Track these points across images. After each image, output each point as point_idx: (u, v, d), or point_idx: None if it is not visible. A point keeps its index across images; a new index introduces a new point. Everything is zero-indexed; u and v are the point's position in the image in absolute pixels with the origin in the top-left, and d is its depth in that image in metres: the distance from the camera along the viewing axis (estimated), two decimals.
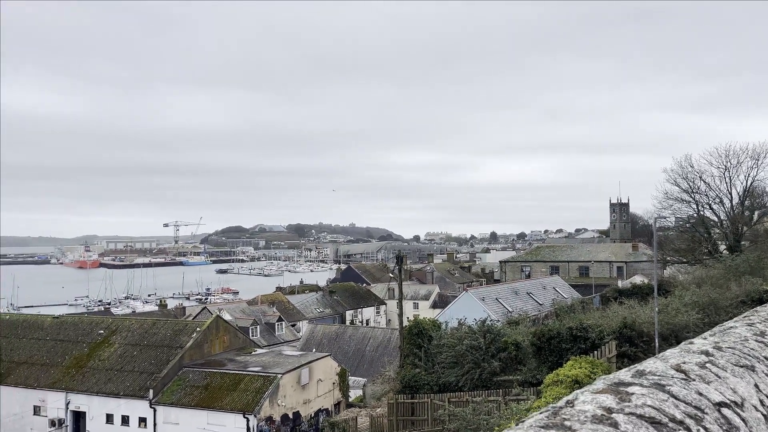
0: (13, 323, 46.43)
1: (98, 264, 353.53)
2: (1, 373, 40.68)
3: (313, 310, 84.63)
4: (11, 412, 39.33)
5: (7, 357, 42.14)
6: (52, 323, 45.31)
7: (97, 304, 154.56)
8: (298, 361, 39.56)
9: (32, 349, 42.39)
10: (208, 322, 42.46)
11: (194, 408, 35.05)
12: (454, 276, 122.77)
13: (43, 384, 39.09)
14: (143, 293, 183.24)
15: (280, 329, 71.47)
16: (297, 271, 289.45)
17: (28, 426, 38.87)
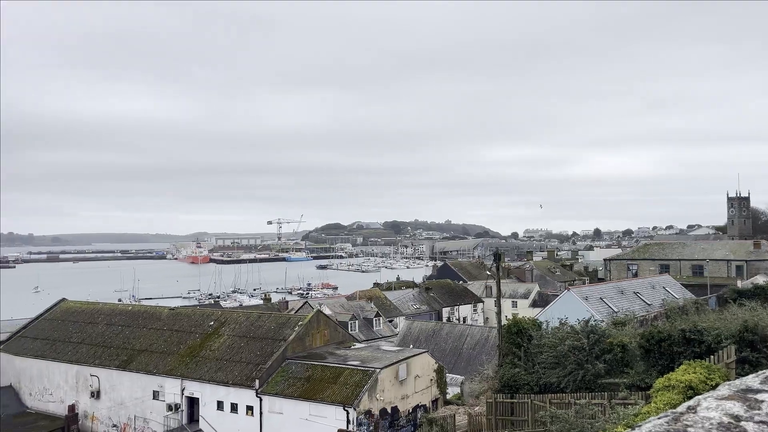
0: (135, 314, 50.32)
1: (208, 259, 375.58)
2: (126, 360, 44.21)
3: (409, 306, 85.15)
4: (134, 396, 42.66)
5: (130, 345, 45.74)
6: (169, 314, 48.64)
7: (208, 297, 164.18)
8: (396, 356, 39.95)
9: (151, 338, 45.73)
10: (309, 316, 43.85)
11: (297, 399, 36.33)
12: (555, 274, 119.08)
13: (161, 371, 42.05)
14: (249, 287, 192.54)
15: (377, 324, 72.52)
16: (393, 267, 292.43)
17: (148, 409, 41.98)
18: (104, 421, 43.63)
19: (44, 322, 53.01)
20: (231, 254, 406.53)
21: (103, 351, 46.14)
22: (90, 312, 52.44)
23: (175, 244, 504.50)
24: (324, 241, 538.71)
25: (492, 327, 58.74)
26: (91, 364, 45.15)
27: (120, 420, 42.89)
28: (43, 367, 47.76)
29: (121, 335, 47.28)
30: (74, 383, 45.80)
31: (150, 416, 41.62)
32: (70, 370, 46.20)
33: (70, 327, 50.82)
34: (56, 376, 46.98)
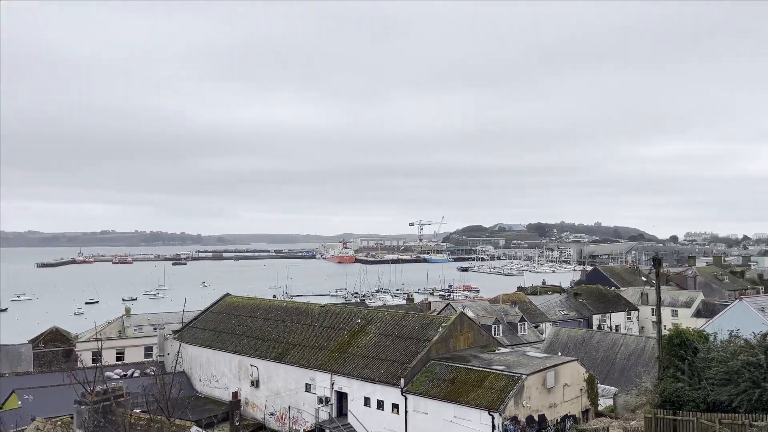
0: (289, 310, 53.51)
1: (354, 259, 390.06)
2: (281, 353, 47.14)
3: (556, 311, 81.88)
4: (288, 387, 45.33)
5: (285, 339, 48.69)
6: (319, 311, 51.11)
7: (354, 296, 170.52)
8: (543, 363, 38.55)
9: (304, 333, 48.33)
10: (452, 318, 43.74)
11: (441, 400, 36.36)
12: (723, 282, 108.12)
13: (312, 365, 44.27)
14: (392, 287, 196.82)
15: (522, 329, 70.57)
16: (538, 271, 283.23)
17: (301, 401, 44.39)
18: (262, 409, 46.84)
19: (211, 315, 58.16)
20: (375, 255, 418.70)
21: (261, 343, 49.59)
22: (250, 307, 56.65)
23: (323, 245, 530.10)
24: (465, 242, 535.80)
25: (649, 337, 54.62)
26: (251, 355, 48.71)
27: (276, 409, 45.79)
28: (210, 355, 52.40)
29: (277, 329, 50.49)
30: (237, 372, 49.71)
31: (303, 407, 43.96)
32: (233, 359, 50.21)
33: (233, 320, 55.27)
34: (221, 365, 51.30)
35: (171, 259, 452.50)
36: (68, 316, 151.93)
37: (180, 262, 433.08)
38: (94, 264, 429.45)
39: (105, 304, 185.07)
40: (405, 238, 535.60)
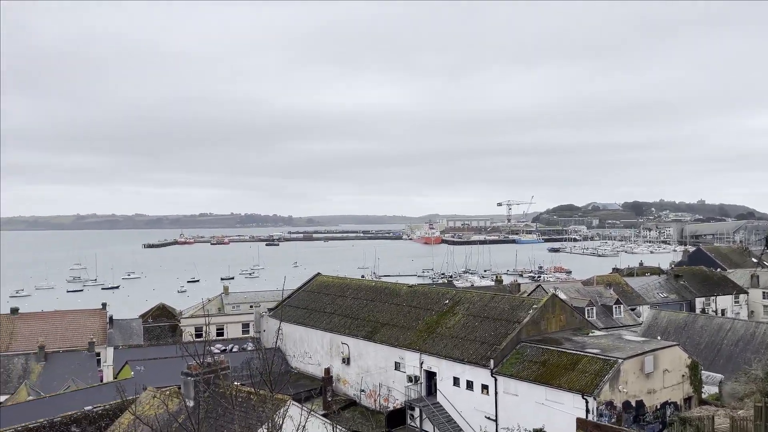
0: (378, 289, 54.29)
1: (440, 240, 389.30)
2: (371, 331, 48.02)
3: (655, 294, 78.08)
4: (378, 365, 46.17)
5: (374, 318, 49.52)
6: (407, 291, 51.50)
7: (441, 276, 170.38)
8: (641, 347, 36.94)
9: (392, 313, 48.93)
10: (544, 300, 42.75)
11: (532, 382, 35.76)
12: None
13: (401, 344, 44.80)
14: (480, 268, 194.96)
15: (617, 312, 67.93)
16: (635, 252, 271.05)
17: (390, 378, 45.11)
18: (353, 385, 48.05)
19: (303, 294, 60.08)
20: (462, 235, 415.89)
21: (351, 322, 50.73)
22: (340, 286, 58.00)
23: (409, 225, 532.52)
24: (555, 223, 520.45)
25: (760, 322, 51.04)
26: (342, 333, 49.97)
27: (367, 386, 46.80)
28: (303, 332, 54.25)
29: (367, 308, 51.42)
30: (328, 349, 51.20)
31: (393, 385, 44.68)
32: (325, 337, 51.73)
33: (324, 299, 56.85)
34: (314, 342, 53.01)
35: (264, 240, 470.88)
36: (172, 294, 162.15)
37: (273, 243, 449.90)
38: (194, 245, 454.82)
39: (205, 282, 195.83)
40: (492, 218, 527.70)
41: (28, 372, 56.74)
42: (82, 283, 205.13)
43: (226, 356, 39.12)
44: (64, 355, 60.22)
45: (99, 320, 70.51)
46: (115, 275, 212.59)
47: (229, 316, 75.41)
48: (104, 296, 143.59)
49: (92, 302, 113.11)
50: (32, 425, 33.82)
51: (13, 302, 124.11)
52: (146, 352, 58.05)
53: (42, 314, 74.95)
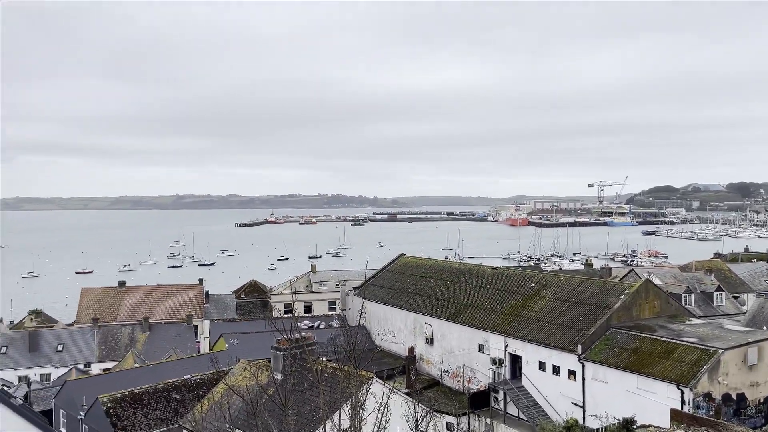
0: (462, 271, 53.98)
1: (527, 222, 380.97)
2: (454, 312, 47.93)
3: (761, 282, 72.83)
4: (462, 346, 46.08)
5: (458, 299, 49.34)
6: (492, 274, 50.86)
7: (527, 259, 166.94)
8: (744, 337, 34.64)
9: (476, 295, 48.54)
10: (636, 285, 40.92)
11: (623, 370, 34.46)
12: None
13: (485, 326, 44.41)
14: (568, 251, 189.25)
15: (718, 300, 63.94)
16: (739, 236, 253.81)
17: (474, 360, 44.92)
18: (437, 366, 48.25)
19: (387, 273, 60.75)
20: (550, 217, 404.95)
21: (435, 302, 50.81)
22: (423, 267, 58.15)
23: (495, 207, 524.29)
24: (651, 205, 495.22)
25: None
26: (425, 314, 50.19)
27: (450, 366, 46.87)
28: (387, 311, 54.96)
29: (450, 290, 51.30)
30: (412, 329, 51.64)
31: (476, 367, 44.48)
32: (408, 317, 52.16)
33: (407, 279, 57.24)
34: (397, 321, 53.61)
35: (350, 220, 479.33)
36: (263, 271, 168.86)
37: (358, 223, 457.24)
38: (283, 224, 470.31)
39: (293, 260, 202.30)
40: (583, 200, 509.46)
41: (134, 341, 61.16)
42: (181, 259, 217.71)
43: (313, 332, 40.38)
44: (166, 326, 64.36)
45: (196, 295, 74.71)
46: (211, 252, 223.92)
47: (316, 294, 77.62)
48: (201, 272, 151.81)
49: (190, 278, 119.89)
50: (138, 390, 36.49)
51: (121, 276, 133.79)
52: (239, 326, 60.91)
53: (146, 288, 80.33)
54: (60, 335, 62.15)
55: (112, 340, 61.46)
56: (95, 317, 64.26)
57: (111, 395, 35.45)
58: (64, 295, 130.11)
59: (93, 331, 61.82)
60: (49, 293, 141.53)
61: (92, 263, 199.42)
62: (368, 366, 19.67)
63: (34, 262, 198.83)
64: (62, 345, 60.16)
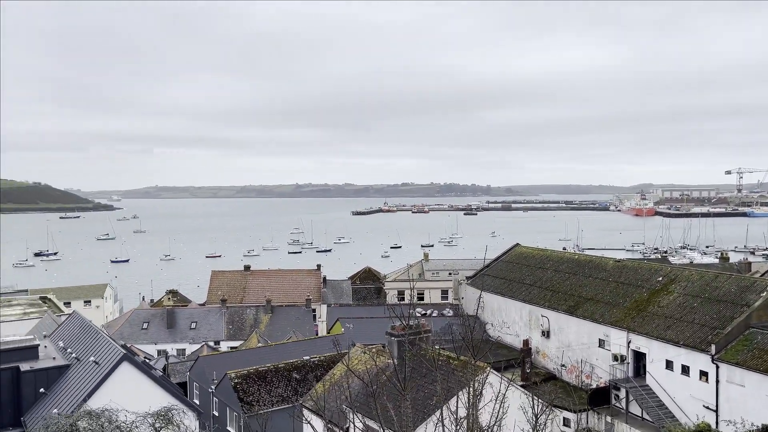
0: (581, 263, 51.79)
1: (653, 212, 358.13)
2: (573, 305, 46.16)
3: None
4: (580, 341, 44.31)
5: (576, 292, 47.44)
6: (614, 266, 48.33)
7: (653, 252, 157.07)
8: None
9: (596, 288, 46.38)
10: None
11: (764, 373, 31.48)
12: None
13: (606, 320, 42.34)
14: (701, 244, 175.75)
15: None
16: None
17: (593, 356, 43.04)
18: (553, 359, 46.81)
19: (501, 264, 59.68)
20: (680, 207, 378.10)
21: (551, 295, 49.21)
22: (540, 258, 56.47)
23: (618, 196, 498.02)
24: None
25: None
26: (542, 306, 48.76)
27: (567, 361, 45.28)
28: (501, 302, 54.05)
29: (568, 282, 49.43)
30: (527, 321, 50.41)
31: (596, 363, 42.62)
32: (524, 308, 50.96)
33: (523, 270, 55.88)
34: (512, 312, 52.56)
35: (463, 209, 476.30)
36: (377, 258, 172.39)
37: (471, 212, 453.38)
38: (396, 213, 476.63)
39: (406, 248, 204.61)
40: (718, 188, 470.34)
41: (257, 322, 64.90)
42: (300, 245, 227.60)
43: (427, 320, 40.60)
44: (286, 309, 67.69)
45: (314, 280, 77.79)
46: (328, 239, 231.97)
47: (429, 282, 78.01)
48: (318, 258, 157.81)
49: (309, 263, 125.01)
50: (262, 368, 38.67)
51: (246, 261, 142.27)
52: (354, 311, 62.67)
53: (268, 272, 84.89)
54: (193, 314, 67.29)
55: (238, 320, 65.59)
56: (223, 299, 68.88)
57: (238, 372, 37.88)
58: (196, 276, 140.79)
59: (221, 311, 66.33)
60: (183, 275, 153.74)
61: (220, 248, 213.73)
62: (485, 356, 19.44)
63: (171, 246, 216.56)
64: (195, 323, 65.13)
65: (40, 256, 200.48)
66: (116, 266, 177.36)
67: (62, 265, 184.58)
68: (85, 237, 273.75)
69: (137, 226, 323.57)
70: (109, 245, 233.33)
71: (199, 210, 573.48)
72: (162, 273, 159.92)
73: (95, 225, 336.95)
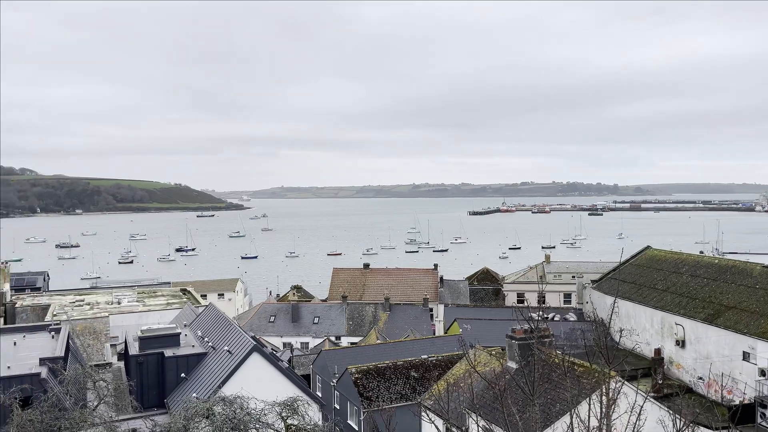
0: (722, 268, 47.50)
1: None
2: (712, 314, 42.47)
3: None
4: (721, 352, 40.65)
5: (717, 299, 43.60)
6: (762, 272, 43.84)
7: None
8: None
9: (740, 295, 42.33)
10: None
11: None
12: None
13: (753, 331, 38.48)
14: None
15: None
16: None
17: (736, 369, 39.32)
18: (689, 371, 43.38)
19: (630, 267, 56.25)
20: None
21: (687, 301, 45.62)
22: (673, 261, 52.57)
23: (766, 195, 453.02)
24: None
25: None
26: (676, 313, 45.34)
27: (706, 374, 41.77)
28: (629, 308, 50.93)
29: (707, 288, 45.58)
30: (659, 328, 47.11)
31: (739, 377, 38.93)
32: (655, 315, 47.66)
33: (654, 274, 52.29)
34: (642, 319, 49.35)
35: (587, 209, 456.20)
36: (494, 259, 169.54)
37: (596, 213, 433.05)
38: (515, 213, 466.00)
39: (525, 250, 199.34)
40: None
41: (376, 319, 66.17)
42: (417, 245, 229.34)
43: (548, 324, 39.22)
44: (404, 307, 68.38)
45: (431, 279, 77.93)
46: (444, 239, 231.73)
47: (550, 285, 75.39)
48: (435, 258, 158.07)
49: (425, 262, 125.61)
50: (381, 365, 39.34)
51: (365, 259, 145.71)
52: (471, 312, 61.99)
53: (386, 270, 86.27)
54: (316, 309, 69.97)
55: (358, 316, 67.29)
56: (344, 295, 70.94)
57: (358, 367, 38.81)
58: (318, 273, 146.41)
59: (342, 307, 68.37)
60: (306, 271, 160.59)
61: (341, 246, 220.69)
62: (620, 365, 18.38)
63: (295, 243, 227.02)
64: (317, 318, 67.68)
65: (180, 252, 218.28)
66: (246, 262, 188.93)
67: (199, 260, 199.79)
68: (219, 234, 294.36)
69: (265, 225, 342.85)
70: (240, 242, 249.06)
71: (320, 209, 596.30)
72: (287, 269, 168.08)
73: (228, 223, 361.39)
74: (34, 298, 64.24)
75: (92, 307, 58.23)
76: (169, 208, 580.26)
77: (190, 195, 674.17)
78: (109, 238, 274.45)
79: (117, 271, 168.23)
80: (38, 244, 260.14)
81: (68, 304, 59.29)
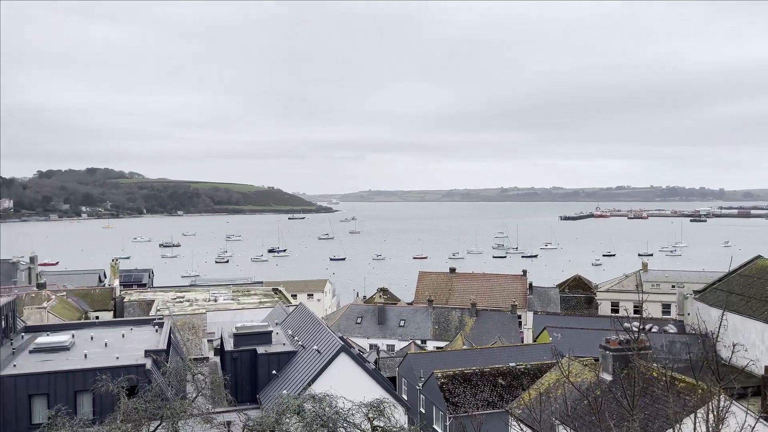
0: None
1: None
2: None
3: None
4: None
5: None
6: None
7: None
8: None
9: None
10: None
11: None
12: None
13: None
14: None
15: None
16: None
17: None
18: None
19: (738, 278, 52.38)
20: None
21: None
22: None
23: None
24: None
25: None
26: None
27: None
28: (737, 321, 47.42)
29: None
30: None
31: None
32: (766, 330, 44.12)
33: (766, 286, 48.42)
34: (750, 334, 45.81)
35: (689, 215, 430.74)
36: (587, 266, 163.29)
37: (699, 219, 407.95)
38: (609, 218, 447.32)
39: (621, 257, 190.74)
40: None
41: (462, 324, 65.50)
42: (504, 250, 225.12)
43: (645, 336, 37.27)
44: (491, 313, 67.27)
45: (520, 285, 76.18)
46: (534, 245, 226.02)
47: (648, 294, 71.69)
48: (524, 264, 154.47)
49: (513, 268, 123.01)
50: (467, 371, 38.90)
51: (451, 263, 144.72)
52: (562, 320, 60.04)
53: (473, 275, 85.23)
54: (401, 312, 70.25)
55: (443, 321, 66.91)
56: (430, 299, 70.77)
57: (444, 372, 38.56)
58: (404, 276, 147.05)
59: (428, 311, 68.23)
60: (392, 274, 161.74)
61: (427, 250, 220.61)
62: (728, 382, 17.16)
63: (382, 246, 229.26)
64: (403, 321, 67.93)
65: (273, 252, 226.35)
66: (334, 263, 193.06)
67: (290, 261, 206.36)
68: (309, 236, 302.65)
69: (353, 228, 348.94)
70: (329, 244, 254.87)
71: (407, 213, 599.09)
72: (373, 271, 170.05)
73: (317, 225, 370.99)
74: (140, 294, 68.83)
75: (191, 304, 61.54)
76: (263, 210, 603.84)
77: (282, 198, 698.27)
78: (207, 239, 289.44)
79: (214, 270, 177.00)
80: (144, 243, 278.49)
81: (170, 300, 63.00)
